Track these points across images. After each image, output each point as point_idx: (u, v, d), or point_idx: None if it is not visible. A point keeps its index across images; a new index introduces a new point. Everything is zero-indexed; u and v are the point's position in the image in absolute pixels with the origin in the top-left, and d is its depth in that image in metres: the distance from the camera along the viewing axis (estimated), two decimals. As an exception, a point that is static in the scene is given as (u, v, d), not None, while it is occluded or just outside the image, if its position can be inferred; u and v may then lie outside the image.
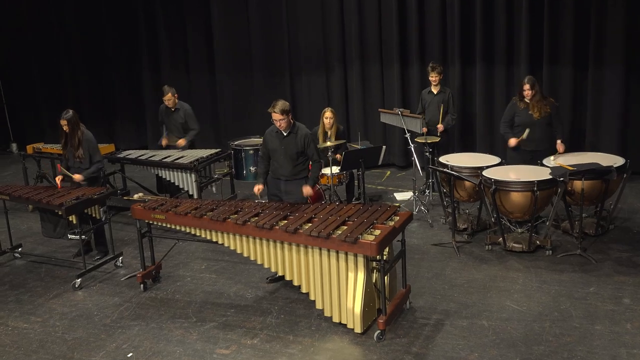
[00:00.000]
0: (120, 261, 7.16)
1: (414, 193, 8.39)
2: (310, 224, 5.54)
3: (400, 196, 9.05)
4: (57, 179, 7.28)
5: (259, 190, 6.52)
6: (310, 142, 6.45)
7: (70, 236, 7.35)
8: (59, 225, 7.59)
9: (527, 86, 7.43)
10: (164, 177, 8.30)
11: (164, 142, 8.84)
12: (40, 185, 8.39)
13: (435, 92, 8.74)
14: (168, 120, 8.80)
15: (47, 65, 12.96)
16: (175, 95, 8.65)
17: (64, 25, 12.63)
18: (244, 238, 5.80)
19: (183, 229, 6.15)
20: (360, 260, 5.26)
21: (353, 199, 8.44)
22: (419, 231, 7.68)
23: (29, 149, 9.33)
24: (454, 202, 7.25)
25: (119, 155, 8.73)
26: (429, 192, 8.76)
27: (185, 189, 8.17)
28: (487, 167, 7.17)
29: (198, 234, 6.06)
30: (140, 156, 8.53)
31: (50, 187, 7.32)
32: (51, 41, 12.79)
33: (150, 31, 11.95)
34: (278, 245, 5.63)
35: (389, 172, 10.42)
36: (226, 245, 5.93)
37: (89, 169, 7.20)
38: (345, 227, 5.41)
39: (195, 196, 8.06)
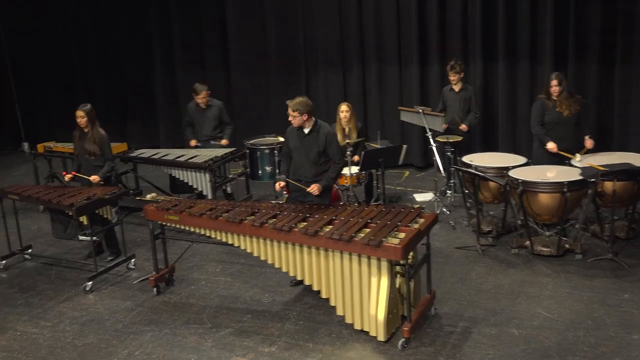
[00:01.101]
0: (133, 263, 6.94)
1: (435, 194, 8.11)
2: (330, 227, 5.28)
3: (420, 197, 8.77)
4: (67, 176, 7.07)
5: (280, 186, 6.26)
6: (332, 142, 6.17)
7: (81, 237, 7.14)
8: (70, 226, 7.35)
9: (554, 82, 7.15)
10: (177, 176, 8.07)
11: (192, 142, 8.59)
12: (51, 184, 8.17)
13: (456, 90, 8.46)
14: (199, 119, 8.55)
15: (60, 64, 12.79)
16: (209, 93, 8.44)
17: (78, 24, 12.45)
18: (261, 240, 5.55)
19: (197, 230, 5.91)
20: (384, 264, 5.00)
21: (372, 200, 8.18)
22: (441, 234, 7.41)
23: (40, 147, 9.14)
24: (478, 203, 6.97)
25: (131, 154, 8.52)
26: (450, 193, 8.47)
27: (199, 189, 7.93)
28: (514, 167, 6.88)
29: (213, 235, 5.82)
30: (153, 155, 8.31)
31: (60, 186, 7.12)
32: (64, 40, 12.63)
33: (164, 29, 11.74)
34: (297, 248, 5.38)
35: (407, 173, 10.14)
36: (242, 247, 5.69)
37: (103, 169, 6.98)
38: (368, 230, 5.15)
39: (210, 196, 7.82)
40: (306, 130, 6.11)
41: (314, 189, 6.07)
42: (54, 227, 7.19)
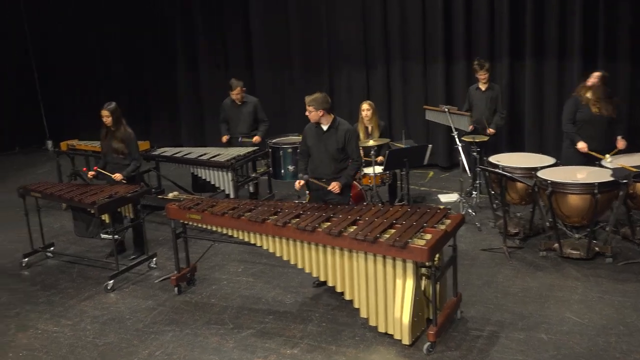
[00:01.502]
0: (154, 262, 6.88)
1: (460, 195, 7.97)
2: (354, 227, 5.17)
3: (445, 198, 8.63)
4: (89, 173, 7.04)
5: (300, 185, 6.19)
6: (351, 139, 6.08)
7: (103, 236, 7.10)
8: (92, 224, 7.33)
9: (596, 74, 7.02)
10: (199, 175, 8.01)
11: (224, 139, 8.48)
12: (74, 182, 8.13)
13: (483, 89, 8.31)
14: (234, 116, 8.45)
15: (83, 63, 12.83)
16: (244, 89, 8.34)
17: (101, 23, 12.47)
18: (284, 240, 5.46)
19: (219, 229, 5.83)
20: (410, 266, 4.88)
21: (396, 201, 8.05)
22: (467, 235, 7.26)
23: (63, 145, 9.14)
24: (505, 205, 6.82)
25: (153, 153, 8.48)
26: (476, 194, 8.32)
27: (222, 188, 7.87)
28: (542, 167, 6.71)
29: (235, 235, 5.74)
30: (175, 154, 8.27)
31: (83, 184, 7.09)
32: (88, 39, 12.66)
33: (187, 27, 11.70)
34: (320, 248, 5.28)
35: (431, 173, 10.00)
36: (265, 247, 5.60)
37: (128, 167, 6.95)
38: (393, 231, 5.03)
39: (232, 196, 7.75)
40: (325, 127, 6.03)
41: (334, 187, 6.00)
42: (76, 225, 7.17)
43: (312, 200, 6.32)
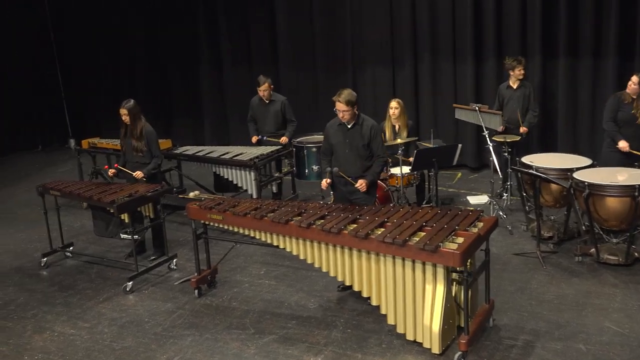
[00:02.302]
0: (175, 264, 6.71)
1: (491, 196, 7.68)
2: (382, 229, 4.93)
3: (474, 200, 8.35)
4: (110, 171, 6.89)
5: (327, 183, 6.01)
6: (377, 135, 5.89)
7: (122, 235, 6.95)
8: (112, 223, 7.20)
9: (635, 79, 6.72)
10: (222, 174, 7.83)
11: (254, 139, 8.24)
12: (94, 181, 7.97)
13: (514, 86, 8.01)
14: (261, 114, 8.22)
15: (107, 60, 12.76)
16: (272, 86, 8.12)
17: (125, 21, 12.37)
18: (308, 243, 5.24)
19: (241, 230, 5.62)
20: (440, 271, 4.63)
21: (424, 202, 7.79)
22: (498, 239, 6.98)
23: (84, 144, 9.01)
24: (539, 207, 6.53)
25: (175, 151, 8.30)
26: (506, 196, 8.02)
27: (244, 188, 7.67)
28: (578, 168, 6.41)
29: (258, 236, 5.53)
30: (197, 152, 8.09)
31: (102, 183, 6.93)
32: (111, 36, 12.57)
33: (210, 24, 11.54)
34: (346, 251, 5.05)
35: (459, 174, 9.71)
36: (288, 250, 5.38)
37: (148, 165, 6.78)
38: (423, 234, 4.79)
39: (255, 196, 7.56)
40: (349, 124, 5.81)
41: (362, 184, 5.82)
42: (96, 225, 7.03)
43: (336, 201, 6.09)
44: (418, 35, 9.76)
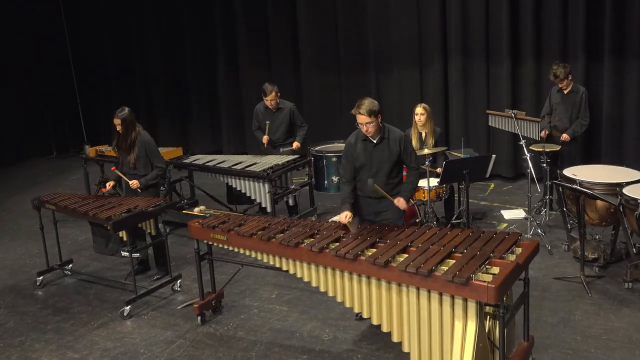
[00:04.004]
0: (179, 285, 6.14)
1: (528, 212, 6.97)
2: (405, 255, 4.29)
3: (508, 214, 7.65)
4: (108, 184, 6.36)
5: (347, 218, 4.96)
6: (407, 146, 5.19)
7: (123, 254, 6.41)
8: (112, 240, 6.68)
9: None
10: (234, 186, 7.25)
11: (265, 139, 7.55)
12: (89, 195, 7.29)
13: (565, 91, 7.27)
14: (269, 123, 7.66)
15: (122, 66, 12.34)
16: (279, 94, 7.53)
17: (140, 26, 11.94)
18: (321, 269, 4.61)
19: (247, 253, 5.03)
20: (472, 305, 3.96)
21: (453, 218, 7.11)
22: (537, 260, 6.24)
23: (92, 151, 8.51)
24: (583, 226, 5.82)
25: (185, 161, 7.74)
26: (545, 211, 7.31)
27: (258, 201, 7.09)
28: (629, 183, 5.69)
29: (265, 260, 4.93)
30: (207, 162, 7.52)
31: (100, 196, 6.39)
32: (127, 42, 12.16)
33: (228, 26, 11.00)
34: (364, 280, 4.41)
35: (492, 185, 9.00)
36: (299, 275, 4.76)
37: (148, 175, 6.23)
38: (452, 262, 4.13)
39: (269, 209, 6.97)
40: (375, 139, 5.13)
41: (401, 202, 5.09)
42: (95, 242, 6.52)
43: (359, 219, 5.34)
44: (448, 34, 9.04)
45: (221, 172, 7.25)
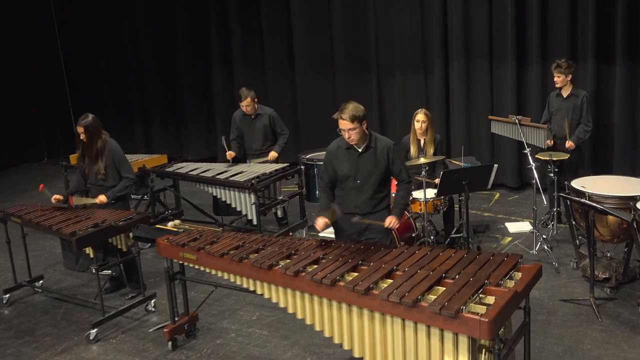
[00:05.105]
0: (153, 305, 5.69)
1: (534, 225, 6.47)
2: (390, 281, 3.81)
3: (513, 227, 7.15)
4: (53, 198, 5.89)
5: (325, 225, 4.67)
6: (396, 157, 4.71)
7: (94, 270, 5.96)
8: (82, 256, 6.24)
9: None
10: (218, 196, 6.80)
11: (229, 155, 7.18)
12: (57, 206, 6.61)
13: (564, 95, 6.79)
14: (247, 130, 7.27)
15: (115, 71, 11.99)
16: (255, 100, 7.11)
17: (134, 28, 11.57)
18: (298, 294, 4.14)
19: (219, 274, 4.56)
20: (463, 339, 3.48)
21: (453, 231, 6.61)
22: (542, 279, 5.65)
23: (73, 159, 8.05)
24: (592, 243, 5.32)
25: (167, 169, 7.29)
26: (552, 225, 6.81)
27: (244, 212, 6.63)
28: (643, 197, 5.19)
29: (238, 282, 4.46)
30: (191, 171, 7.06)
31: (68, 209, 5.93)
32: (120, 45, 11.80)
33: (221, 26, 10.56)
34: (344, 307, 3.93)
35: (497, 195, 8.49)
36: (274, 300, 4.28)
37: (116, 187, 5.78)
38: (442, 289, 3.65)
39: (255, 222, 6.51)
40: (360, 147, 4.66)
41: (392, 222, 4.62)
42: (65, 257, 6.11)
43: (339, 237, 4.91)
44: (449, 35, 8.55)
45: (204, 182, 6.79)
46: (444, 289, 3.66)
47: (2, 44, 11.61)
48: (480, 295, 3.57)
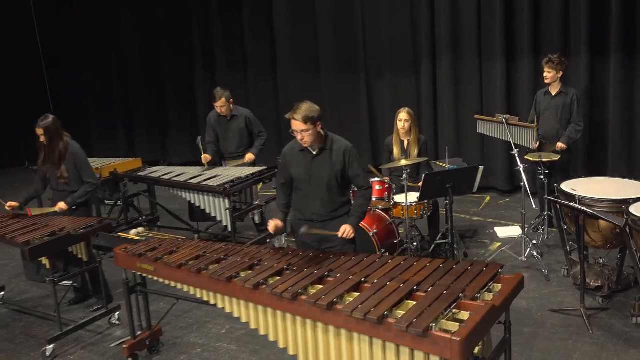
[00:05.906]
0: (117, 317, 5.35)
1: (523, 230, 6.13)
2: (357, 294, 3.48)
3: (502, 232, 6.82)
4: (7, 205, 5.58)
5: (276, 227, 4.40)
6: (353, 160, 4.37)
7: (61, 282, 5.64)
8: (42, 266, 5.89)
9: None
10: (192, 201, 6.48)
11: (205, 158, 6.88)
12: (16, 212, 6.21)
13: (553, 93, 6.47)
14: (223, 132, 6.97)
15: (99, 75, 11.70)
16: (231, 100, 6.81)
17: (118, 32, 11.32)
18: (259, 308, 3.80)
19: (179, 286, 4.23)
20: (435, 359, 3.15)
21: (438, 237, 6.27)
22: (530, 287, 5.45)
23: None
24: (583, 249, 4.99)
25: (140, 174, 6.96)
26: (542, 229, 6.47)
27: (218, 218, 6.31)
28: (636, 199, 4.85)
29: (198, 295, 4.13)
30: (164, 175, 6.74)
31: (25, 215, 5.59)
32: (103, 49, 11.54)
33: (204, 26, 10.28)
34: (308, 323, 3.60)
35: (488, 198, 8.16)
36: (236, 315, 3.96)
37: (75, 193, 5.47)
38: (412, 304, 3.32)
39: (229, 228, 6.19)
40: (315, 150, 4.34)
41: (348, 232, 4.30)
42: (26, 267, 5.78)
43: (300, 246, 4.57)
44: (437, 32, 8.22)
45: (177, 187, 6.47)
46: (415, 303, 3.33)
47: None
48: (454, 310, 3.24)
